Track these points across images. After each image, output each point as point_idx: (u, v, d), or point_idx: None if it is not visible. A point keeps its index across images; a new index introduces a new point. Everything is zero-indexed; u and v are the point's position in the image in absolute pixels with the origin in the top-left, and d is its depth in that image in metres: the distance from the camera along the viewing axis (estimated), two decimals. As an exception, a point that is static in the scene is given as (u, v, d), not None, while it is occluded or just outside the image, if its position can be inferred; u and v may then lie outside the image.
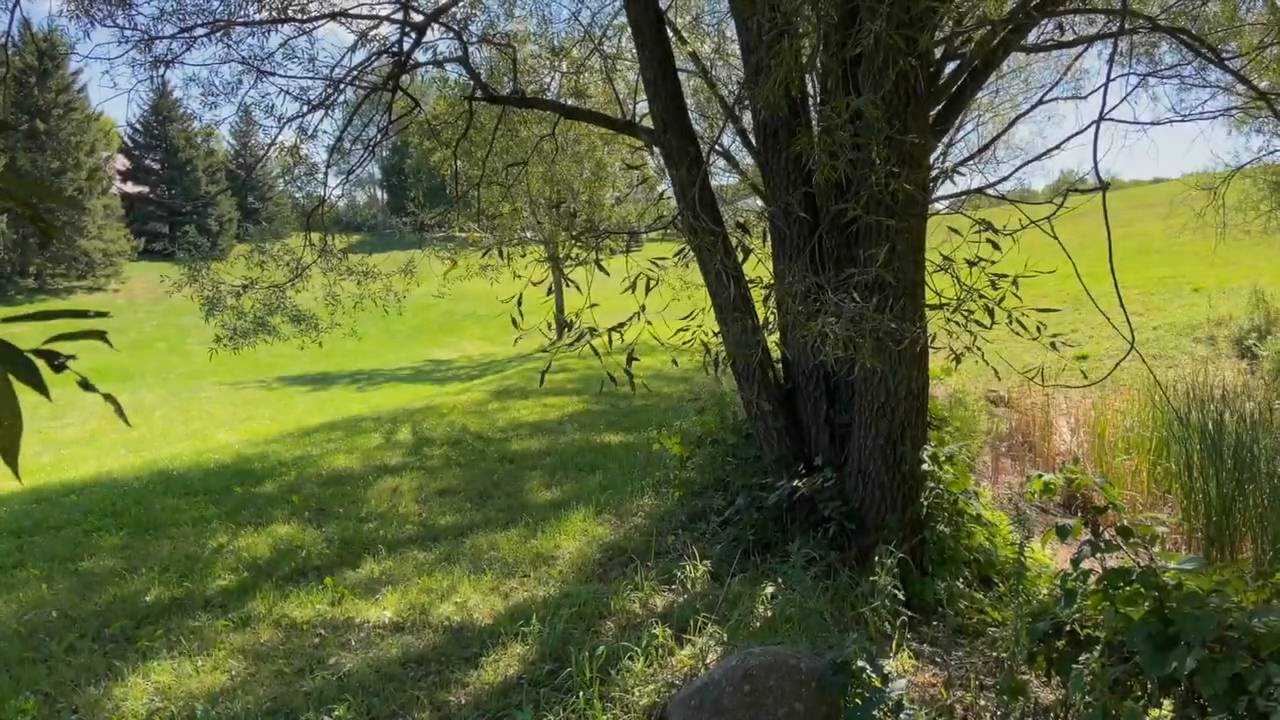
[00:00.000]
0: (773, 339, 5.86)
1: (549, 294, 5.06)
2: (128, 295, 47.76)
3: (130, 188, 58.76)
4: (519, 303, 4.73)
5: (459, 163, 9.77)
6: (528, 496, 7.92)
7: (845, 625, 4.73)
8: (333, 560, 6.39)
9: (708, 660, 4.37)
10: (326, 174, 9.52)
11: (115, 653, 4.95)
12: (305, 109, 8.30)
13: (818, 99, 5.83)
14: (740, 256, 4.78)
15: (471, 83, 7.54)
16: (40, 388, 1.14)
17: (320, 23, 7.87)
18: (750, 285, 5.68)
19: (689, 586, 5.35)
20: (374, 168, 73.07)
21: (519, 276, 6.10)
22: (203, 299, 8.79)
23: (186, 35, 7.88)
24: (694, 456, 7.13)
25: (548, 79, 10.93)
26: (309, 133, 9.13)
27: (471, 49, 8.25)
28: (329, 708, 4.17)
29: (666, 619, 4.88)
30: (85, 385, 1.23)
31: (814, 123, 5.58)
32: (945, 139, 5.44)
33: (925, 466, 5.27)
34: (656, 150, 6.14)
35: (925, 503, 5.33)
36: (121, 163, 58.33)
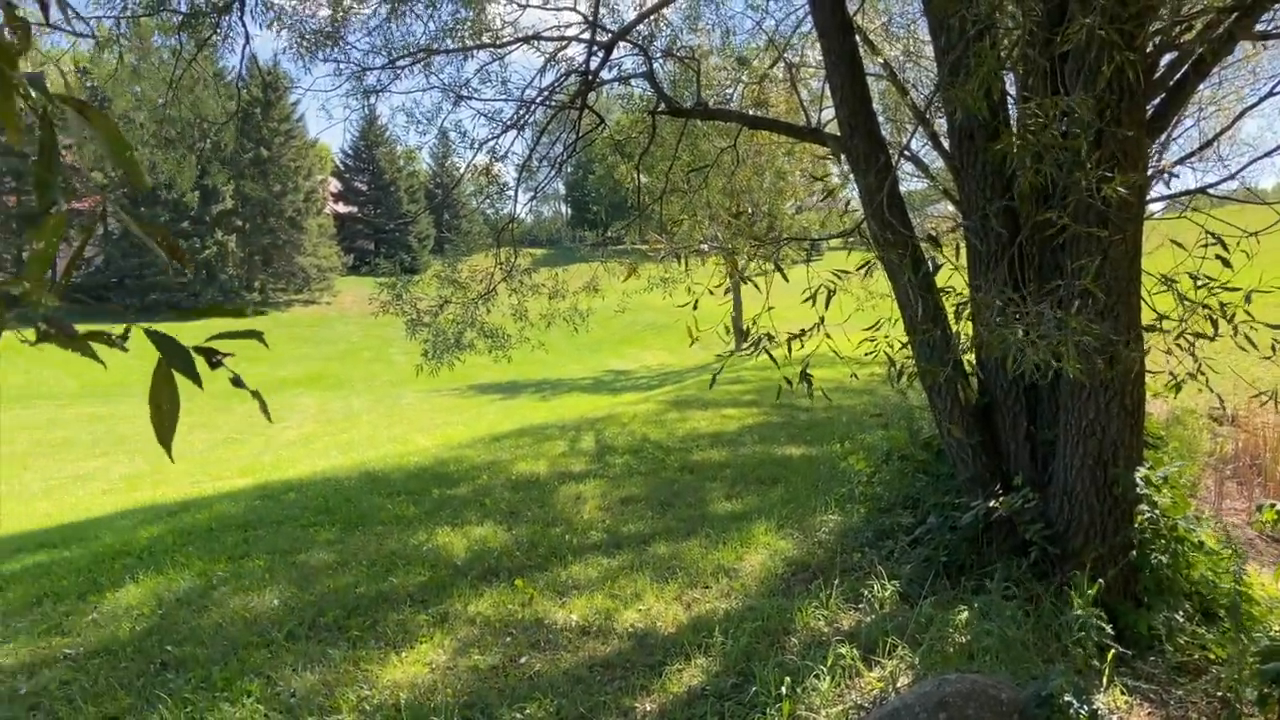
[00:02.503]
0: (967, 353, 5.61)
1: (726, 294, 5.05)
2: (338, 308, 51.57)
3: (341, 208, 63.66)
4: (694, 307, 4.75)
5: (641, 177, 9.95)
6: (708, 507, 7.93)
7: (1048, 656, 4.45)
8: (522, 562, 6.62)
9: (898, 684, 4.21)
10: (517, 191, 9.92)
11: (329, 641, 5.31)
12: (499, 130, 8.72)
13: (1017, 99, 5.54)
14: (931, 268, 4.60)
15: (655, 97, 7.68)
16: (194, 377, 1.26)
17: (513, 47, 8.26)
18: (943, 295, 5.46)
19: (877, 606, 5.18)
20: (558, 183, 75.62)
21: (695, 287, 6.14)
22: (405, 319, 9.37)
23: (394, 66, 8.45)
24: (880, 472, 6.92)
25: (730, 90, 10.96)
26: (500, 154, 9.57)
27: (655, 64, 8.40)
28: (521, 705, 4.32)
29: (853, 639, 4.75)
30: (236, 382, 1.33)
31: (1013, 124, 5.32)
32: (1161, 137, 5.03)
33: (1139, 489, 4.87)
34: (840, 157, 6.02)
35: (1138, 528, 4.93)
36: (334, 185, 63.30)
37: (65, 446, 19.70)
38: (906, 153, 9.80)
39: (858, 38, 6.06)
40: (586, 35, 8.03)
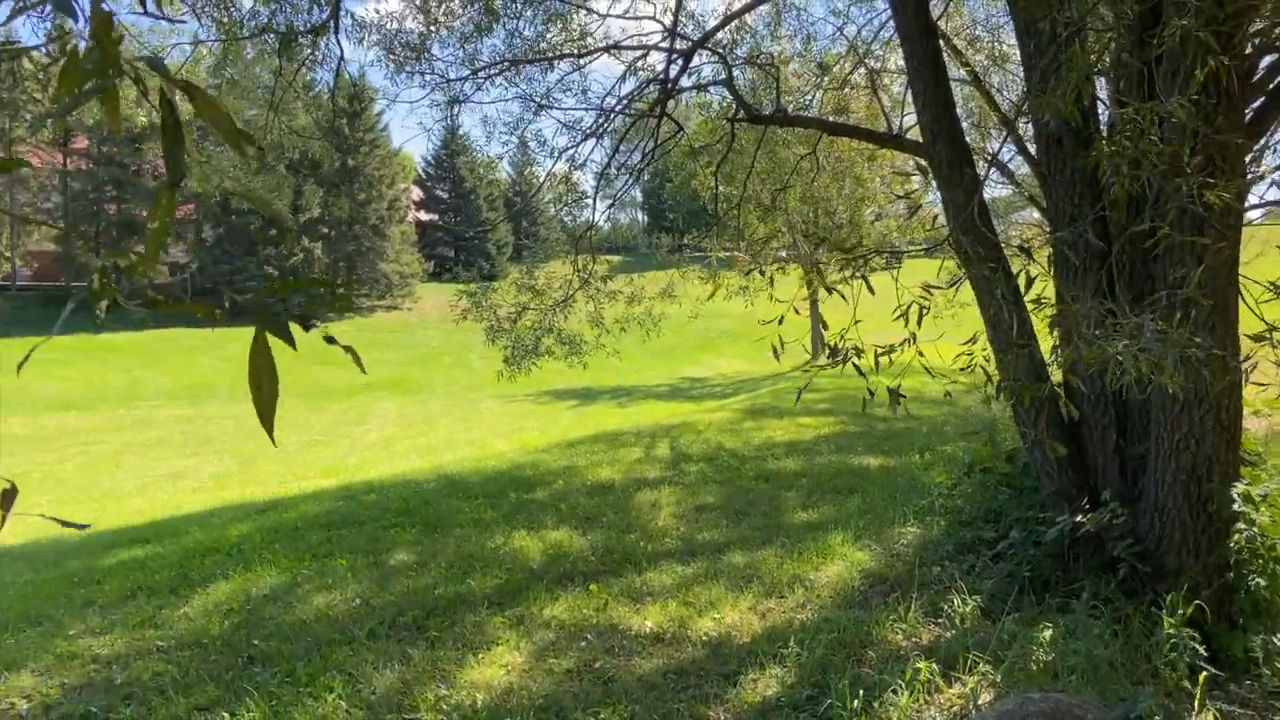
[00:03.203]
0: (1052, 362, 5.46)
1: (808, 300, 5.01)
2: (419, 314, 52.71)
3: (423, 216, 65.14)
4: (779, 322, 4.73)
5: (719, 185, 9.96)
6: (784, 516, 7.87)
7: (1137, 677, 4.30)
8: (597, 567, 6.67)
9: (979, 702, 4.12)
10: (595, 199, 10.03)
11: (408, 640, 5.42)
12: (579, 139, 8.82)
13: (1108, 104, 5.39)
14: (1023, 282, 4.49)
15: (734, 104, 7.68)
16: (288, 339, 1.31)
17: (594, 57, 8.36)
18: (1030, 306, 5.33)
19: (957, 622, 5.07)
20: (635, 190, 75.99)
21: (776, 298, 6.11)
22: (485, 326, 9.54)
23: (477, 78, 8.63)
24: (961, 484, 6.78)
25: (809, 97, 10.90)
26: (579, 162, 9.69)
27: (735, 71, 8.40)
28: (595, 710, 4.35)
29: (932, 654, 4.66)
30: (330, 340, 1.38)
31: (1102, 130, 5.17)
32: (1260, 142, 4.84)
33: (1236, 506, 4.68)
34: (912, 163, 5.93)
35: (1234, 547, 4.73)
36: (416, 193, 64.82)
37: (158, 446, 20.55)
38: (986, 158, 9.60)
39: (940, 42, 5.97)
40: (666, 44, 8.08)
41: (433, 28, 9.00)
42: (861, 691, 4.19)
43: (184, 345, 41.30)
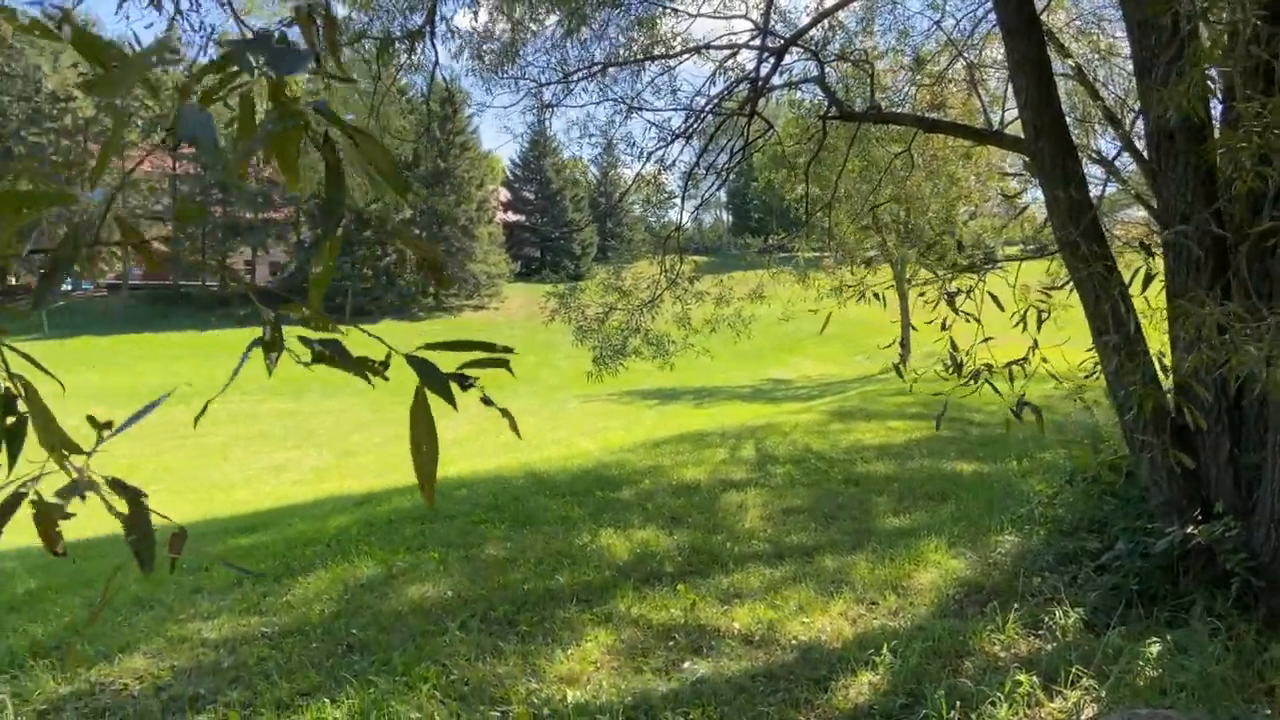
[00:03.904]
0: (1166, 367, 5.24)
1: (900, 306, 4.92)
2: (505, 313, 53.59)
3: (510, 216, 66.17)
4: (821, 318, 4.65)
5: (810, 184, 9.85)
6: (874, 521, 7.74)
7: (1250, 695, 4.09)
8: (684, 568, 6.66)
9: (1083, 717, 3.99)
10: (683, 199, 10.02)
11: (499, 634, 5.51)
12: (667, 140, 8.83)
13: (1223, 98, 5.14)
14: (1139, 283, 4.31)
15: (826, 102, 7.58)
16: (449, 399, 1.33)
17: (684, 58, 8.37)
18: (1137, 311, 5.13)
19: (1059, 635, 4.91)
20: (720, 190, 75.72)
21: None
22: (573, 327, 9.62)
23: (567, 82, 8.72)
24: (1063, 493, 6.55)
25: (902, 92, 10.69)
26: (668, 163, 9.70)
27: (828, 68, 8.29)
28: (684, 710, 4.34)
29: (1033, 666, 4.52)
30: (486, 401, 1.40)
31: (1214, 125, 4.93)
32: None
33: (1360, 522, 4.42)
34: (1010, 161, 5.76)
35: (1359, 564, 4.47)
36: (503, 195, 65.88)
37: (261, 439, 21.35)
38: (1093, 154, 9.27)
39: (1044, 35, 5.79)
40: (757, 42, 8.03)
41: (522, 35, 9.14)
42: (958, 702, 4.09)
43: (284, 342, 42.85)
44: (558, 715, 4.39)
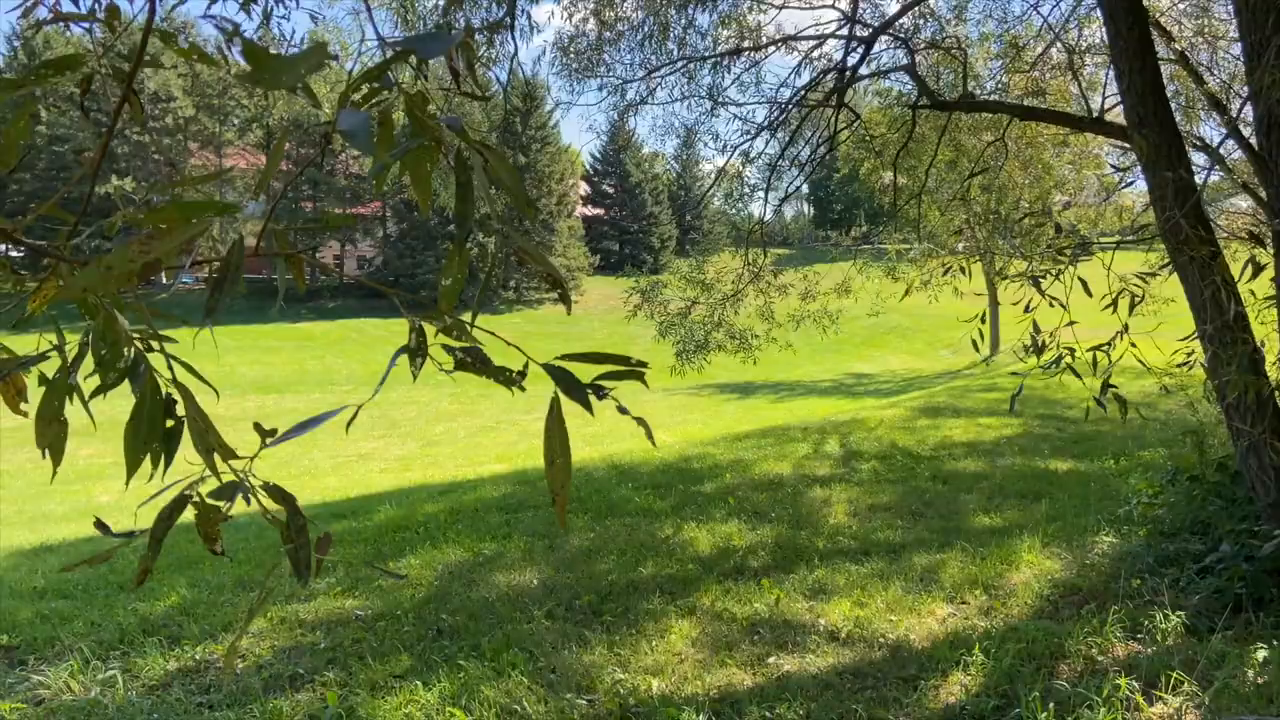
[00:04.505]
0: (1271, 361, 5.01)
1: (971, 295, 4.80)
2: (583, 306, 53.95)
3: (589, 210, 66.58)
4: (908, 311, 4.55)
5: (897, 176, 9.66)
6: (964, 520, 7.57)
7: (1365, 708, 3.89)
8: (768, 563, 6.63)
9: (1187, 725, 3.84)
10: (766, 193, 9.94)
11: (584, 623, 5.57)
12: (751, 133, 8.77)
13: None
14: (1250, 271, 4.13)
15: (915, 91, 7.43)
16: (587, 406, 1.35)
17: (770, 50, 8.29)
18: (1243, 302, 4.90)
19: (1159, 639, 4.74)
20: (803, 183, 74.95)
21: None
22: (656, 322, 9.62)
23: (651, 78, 8.72)
24: (1164, 493, 6.31)
25: (992, 81, 10.40)
26: (752, 156, 9.61)
27: (918, 56, 8.12)
28: (770, 705, 4.33)
29: (1132, 670, 4.37)
30: (622, 410, 1.42)
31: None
32: None
33: None
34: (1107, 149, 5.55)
35: None
36: (583, 189, 66.32)
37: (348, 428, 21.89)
38: (1196, 141, 8.87)
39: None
40: (844, 32, 7.92)
41: (607, 30, 9.16)
42: (1053, 705, 3.98)
43: (370, 336, 44.15)
44: (644, 705, 4.42)
